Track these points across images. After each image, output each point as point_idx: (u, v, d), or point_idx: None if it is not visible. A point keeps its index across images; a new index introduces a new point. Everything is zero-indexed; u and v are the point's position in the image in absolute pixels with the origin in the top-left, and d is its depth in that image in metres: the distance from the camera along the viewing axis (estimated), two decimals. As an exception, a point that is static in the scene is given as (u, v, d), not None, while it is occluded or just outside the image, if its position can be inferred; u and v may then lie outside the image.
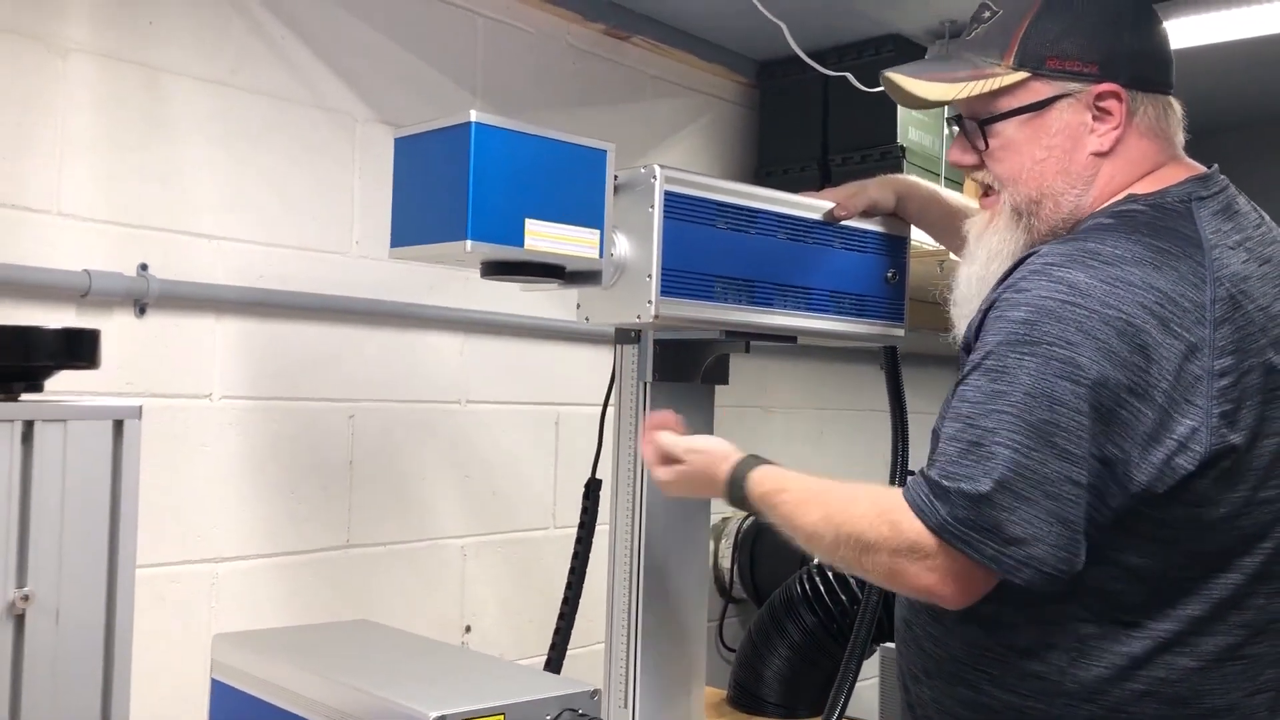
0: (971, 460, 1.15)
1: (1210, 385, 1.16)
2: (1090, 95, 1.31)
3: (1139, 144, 1.33)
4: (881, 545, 1.21)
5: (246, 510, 1.96)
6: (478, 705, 1.19)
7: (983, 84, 1.34)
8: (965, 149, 1.41)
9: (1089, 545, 1.16)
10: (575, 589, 1.84)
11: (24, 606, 1.00)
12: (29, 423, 1.02)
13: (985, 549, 1.14)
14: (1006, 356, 1.18)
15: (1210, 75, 2.75)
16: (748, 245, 1.62)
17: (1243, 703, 1.22)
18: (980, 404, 1.18)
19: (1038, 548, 1.13)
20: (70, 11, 1.75)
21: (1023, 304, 1.19)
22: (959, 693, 1.29)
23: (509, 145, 1.41)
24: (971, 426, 1.17)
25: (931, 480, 1.18)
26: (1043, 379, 1.15)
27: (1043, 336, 1.16)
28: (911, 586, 1.21)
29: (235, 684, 1.45)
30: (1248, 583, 1.21)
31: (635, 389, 1.70)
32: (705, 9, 2.52)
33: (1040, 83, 1.32)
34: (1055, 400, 1.14)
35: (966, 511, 1.14)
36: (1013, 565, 1.14)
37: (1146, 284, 1.18)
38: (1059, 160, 1.32)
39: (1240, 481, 1.18)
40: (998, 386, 1.17)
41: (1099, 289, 1.17)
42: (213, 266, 1.91)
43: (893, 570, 1.21)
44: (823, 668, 2.25)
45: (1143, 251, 1.21)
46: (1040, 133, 1.33)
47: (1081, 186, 1.32)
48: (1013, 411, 1.15)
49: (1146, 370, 1.15)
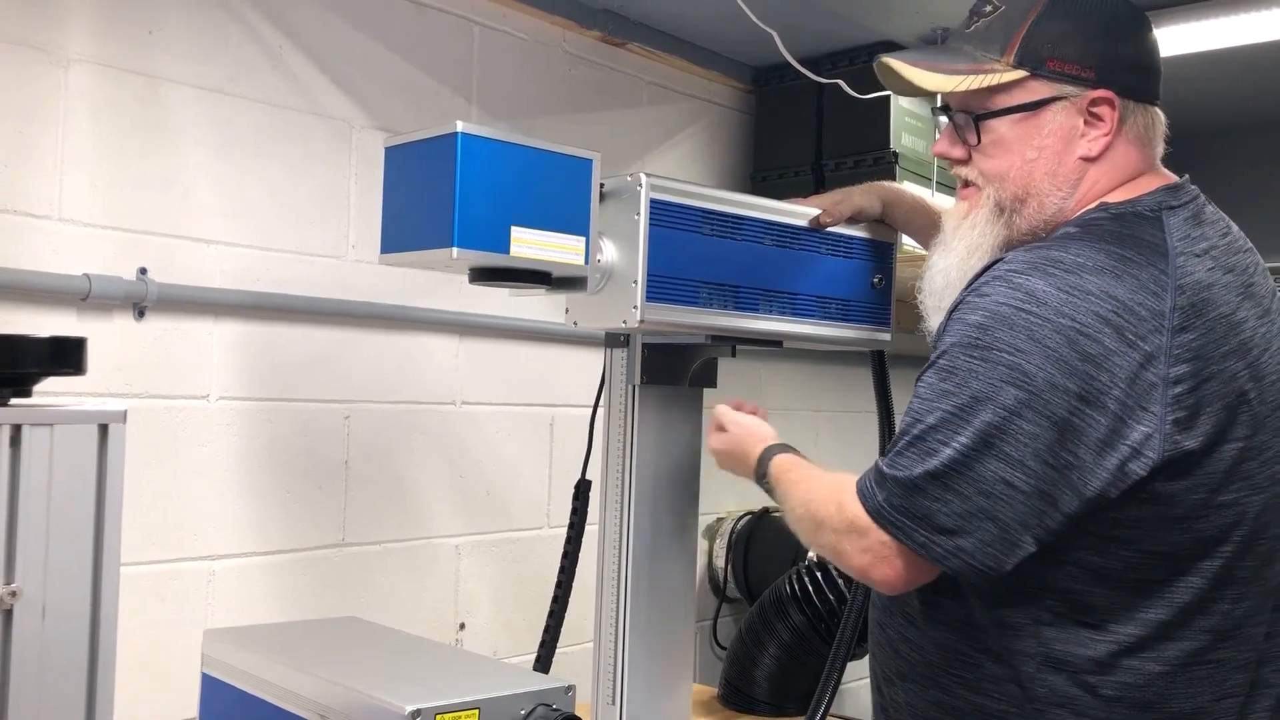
0: (914, 453, 1.21)
1: (1165, 392, 1.18)
2: (1085, 100, 1.32)
3: (1125, 152, 1.34)
4: (828, 523, 1.29)
5: (243, 509, 2.00)
6: (453, 700, 1.23)
7: (981, 79, 1.34)
8: (954, 142, 1.41)
9: (1047, 546, 1.19)
10: (565, 588, 1.87)
11: (12, 602, 1.05)
12: (17, 427, 1.05)
13: (916, 535, 1.20)
14: (958, 358, 1.22)
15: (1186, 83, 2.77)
16: (733, 251, 1.64)
17: (1209, 707, 1.23)
18: (929, 401, 1.22)
19: (966, 540, 1.18)
20: (71, 22, 1.79)
21: (980, 308, 1.23)
22: (932, 695, 1.31)
23: (495, 155, 1.43)
24: (918, 422, 1.22)
25: (878, 468, 1.24)
26: (989, 384, 1.19)
27: (994, 342, 1.20)
28: (849, 565, 1.28)
29: (224, 678, 1.48)
30: (1210, 587, 1.23)
31: (624, 392, 1.73)
32: (700, 16, 2.54)
33: (1038, 83, 1.33)
34: (999, 405, 1.18)
35: (900, 499, 1.20)
36: (941, 554, 1.19)
37: (1104, 293, 1.20)
38: (1048, 162, 1.33)
39: (1198, 485, 1.20)
40: (946, 386, 1.21)
41: (1055, 297, 1.20)
42: (211, 271, 1.95)
43: (835, 548, 1.29)
44: (811, 667, 2.28)
45: (1104, 260, 1.23)
46: (1033, 132, 1.34)
47: (1067, 189, 1.33)
48: (956, 412, 1.19)
49: (1097, 378, 1.17)
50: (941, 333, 1.28)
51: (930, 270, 1.44)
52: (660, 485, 1.73)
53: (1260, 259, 1.35)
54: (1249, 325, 1.25)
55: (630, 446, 1.71)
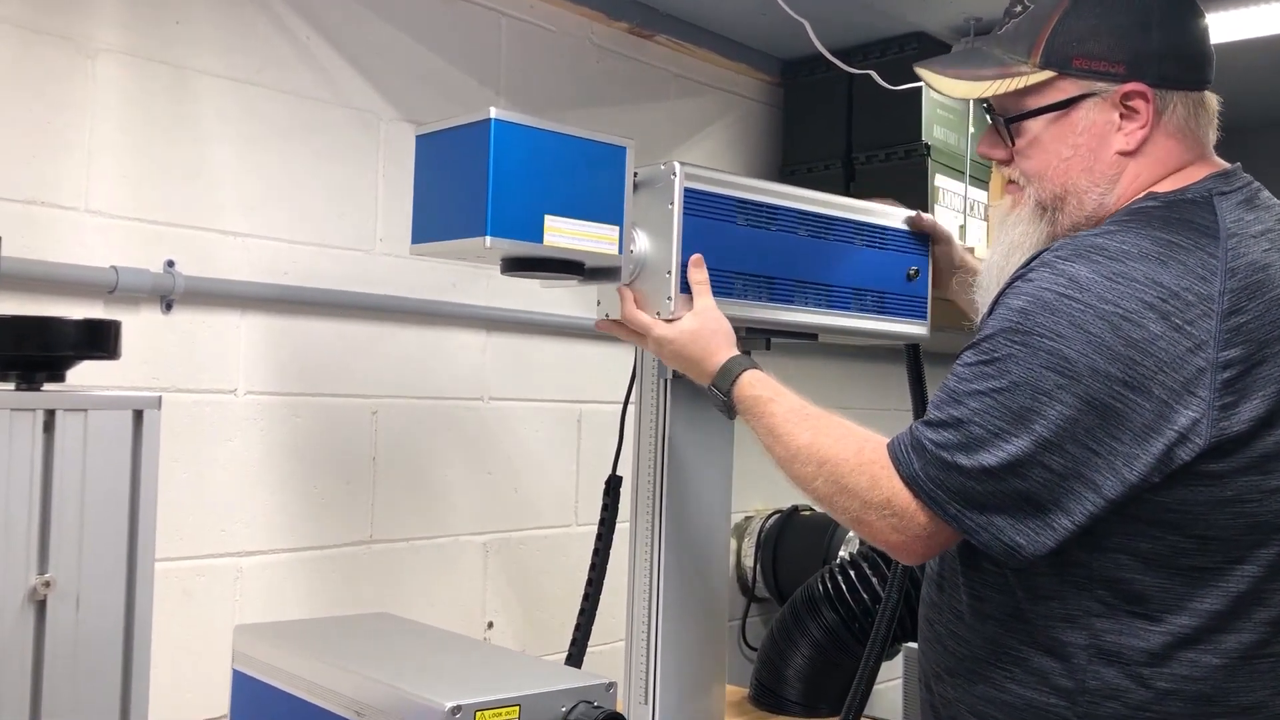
0: (950, 431, 1.22)
1: (1214, 377, 1.17)
2: (1117, 94, 1.31)
3: (1166, 143, 1.32)
4: (857, 493, 1.27)
5: (271, 505, 1.98)
6: (493, 696, 1.20)
7: (1009, 82, 1.34)
8: (995, 143, 1.42)
9: (1094, 533, 1.19)
10: (595, 585, 1.85)
11: (45, 592, 1.03)
12: (50, 412, 1.04)
13: (949, 508, 1.21)
14: (999, 342, 1.22)
15: (1246, 71, 2.72)
16: (768, 242, 1.62)
17: (1270, 702, 1.21)
18: (968, 381, 1.23)
19: (1000, 518, 1.19)
20: (98, 13, 1.78)
21: (1024, 293, 1.23)
22: (982, 691, 1.30)
23: (528, 142, 1.42)
24: (956, 401, 1.23)
25: (914, 435, 1.25)
26: (1029, 369, 1.19)
27: (1035, 327, 1.20)
28: (874, 539, 1.27)
29: (255, 674, 1.46)
30: (1268, 576, 1.21)
31: (656, 386, 1.71)
32: (729, 7, 2.53)
33: (1067, 81, 1.32)
34: (1038, 389, 1.18)
35: (937, 470, 1.21)
36: (973, 527, 1.20)
37: (1149, 279, 1.19)
38: (1084, 158, 1.32)
39: (1250, 466, 1.19)
40: (987, 369, 1.22)
41: (1098, 284, 1.19)
42: (238, 263, 1.94)
43: (860, 519, 1.27)
44: (844, 667, 2.25)
45: (1150, 246, 1.22)
46: (1067, 131, 1.33)
47: (1106, 185, 1.32)
48: (994, 395, 1.20)
49: (1141, 363, 1.16)
50: (987, 316, 1.28)
51: (984, 266, 1.47)
52: (692, 481, 1.70)
53: None
54: None
55: (662, 442, 1.69)
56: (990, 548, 1.20)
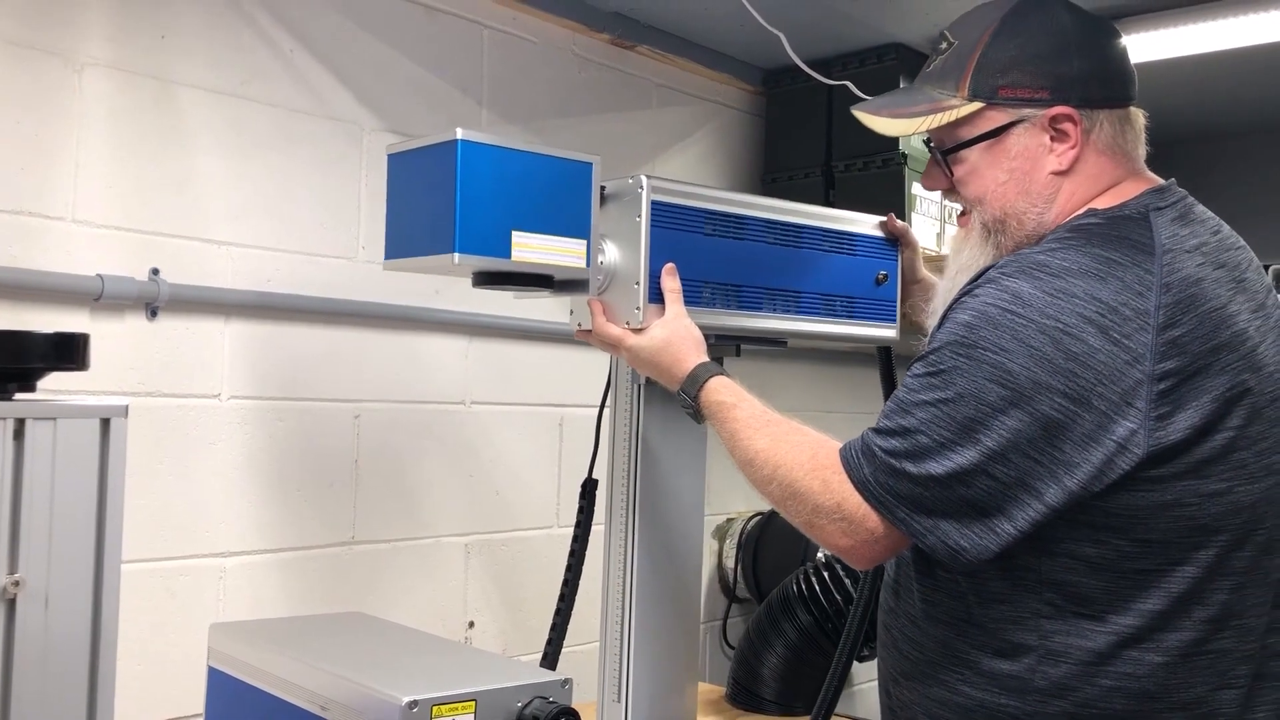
0: (898, 439, 1.26)
1: (1150, 389, 1.20)
2: (1045, 118, 1.35)
3: (1098, 160, 1.37)
4: (809, 497, 1.31)
5: (254, 507, 2.02)
6: (449, 691, 1.24)
7: (940, 117, 1.39)
8: (935, 175, 1.47)
9: (1041, 538, 1.23)
10: (571, 586, 1.88)
11: (15, 591, 1.08)
12: (21, 420, 1.08)
13: (898, 512, 1.25)
14: (945, 354, 1.26)
15: (1170, 88, 2.77)
16: (735, 251, 1.66)
17: (1209, 697, 1.24)
18: (916, 392, 1.28)
19: (946, 523, 1.24)
20: (86, 28, 1.82)
21: (970, 308, 1.27)
22: (936, 693, 1.33)
23: (495, 161, 1.45)
24: (905, 411, 1.27)
25: (867, 443, 1.29)
26: (974, 381, 1.23)
27: (979, 341, 1.24)
28: (825, 542, 1.32)
29: (229, 670, 1.51)
30: (1206, 576, 1.24)
31: (629, 391, 1.74)
32: (709, 18, 2.55)
33: (995, 111, 1.37)
34: (982, 401, 1.22)
35: (886, 476, 1.26)
36: (920, 530, 1.25)
37: (1088, 295, 1.23)
38: (1019, 182, 1.37)
39: (1186, 471, 1.22)
40: (934, 380, 1.26)
41: (1040, 299, 1.23)
42: (223, 271, 1.98)
43: (811, 523, 1.32)
44: (819, 666, 2.28)
45: (1089, 263, 1.26)
46: (1000, 157, 1.38)
47: (1043, 204, 1.37)
48: (940, 406, 1.24)
49: (1082, 375, 1.20)
50: (936, 329, 1.32)
51: (936, 292, 1.52)
52: (665, 484, 1.74)
53: (1253, 255, 1.36)
54: (1242, 318, 1.27)
55: (635, 446, 1.72)
56: (936, 551, 1.25)
